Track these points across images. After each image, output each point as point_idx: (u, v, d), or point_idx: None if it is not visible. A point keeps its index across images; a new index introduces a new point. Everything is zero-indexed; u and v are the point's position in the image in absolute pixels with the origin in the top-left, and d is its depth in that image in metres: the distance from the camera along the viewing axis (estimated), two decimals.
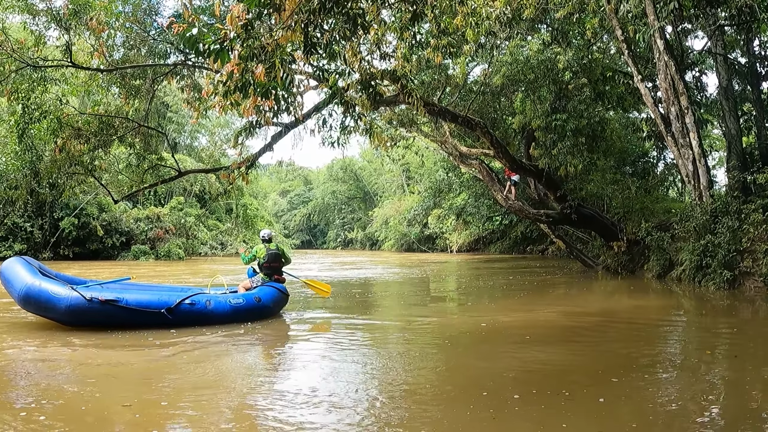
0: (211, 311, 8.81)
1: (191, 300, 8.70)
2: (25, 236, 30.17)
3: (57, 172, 16.01)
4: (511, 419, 4.66)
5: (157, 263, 31.02)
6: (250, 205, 48.60)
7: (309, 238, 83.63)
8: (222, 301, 9.05)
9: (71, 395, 5.32)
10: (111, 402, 5.08)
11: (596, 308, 11.69)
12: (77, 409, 4.84)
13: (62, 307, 8.11)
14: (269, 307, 9.63)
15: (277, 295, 9.95)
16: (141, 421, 4.55)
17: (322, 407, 4.92)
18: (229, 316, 8.92)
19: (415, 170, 55.30)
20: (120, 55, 14.57)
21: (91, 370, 6.26)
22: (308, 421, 4.53)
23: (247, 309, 9.19)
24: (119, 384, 5.73)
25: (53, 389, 5.50)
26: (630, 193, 18.09)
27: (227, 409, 4.84)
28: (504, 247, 41.07)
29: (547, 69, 16.63)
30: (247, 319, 9.09)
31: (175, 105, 39.94)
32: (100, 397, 5.24)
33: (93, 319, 8.26)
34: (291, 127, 14.33)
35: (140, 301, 8.44)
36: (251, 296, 9.44)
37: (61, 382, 5.81)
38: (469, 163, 22.17)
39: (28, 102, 13.63)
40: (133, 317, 8.31)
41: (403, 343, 8.19)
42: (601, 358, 6.94)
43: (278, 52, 7.29)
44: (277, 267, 10.49)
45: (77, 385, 5.64)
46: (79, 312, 8.12)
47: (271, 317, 9.69)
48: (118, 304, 8.21)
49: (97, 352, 7.11)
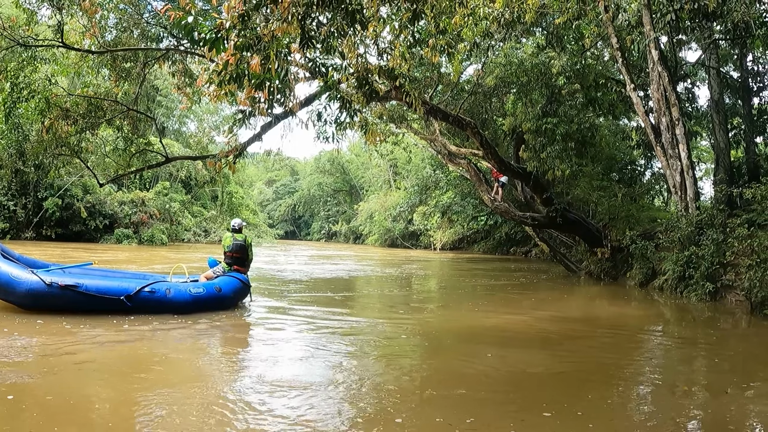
0: (171, 300, 8.82)
1: (151, 288, 8.73)
2: (7, 215, 29.86)
3: (43, 153, 15.82)
4: (488, 421, 4.67)
5: (139, 248, 30.84)
6: (236, 193, 48.45)
7: (293, 229, 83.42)
8: (182, 290, 9.04)
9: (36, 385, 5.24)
10: (80, 391, 5.03)
11: (577, 314, 11.75)
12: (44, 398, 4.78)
13: (22, 291, 8.16)
14: (230, 297, 9.62)
15: (237, 285, 9.95)
16: (110, 413, 4.50)
17: (295, 401, 4.94)
18: (188, 306, 8.93)
19: (403, 166, 55.27)
20: (112, 36, 14.36)
21: (59, 359, 6.20)
22: (278, 415, 4.53)
23: (207, 299, 9.20)
24: (88, 373, 5.67)
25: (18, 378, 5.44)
26: (616, 200, 18.14)
27: (199, 401, 4.79)
28: (487, 247, 41.12)
29: (540, 72, 16.62)
30: (207, 308, 9.11)
31: (165, 89, 39.61)
32: (69, 386, 5.18)
33: (52, 304, 8.26)
34: (281, 117, 14.19)
35: (100, 287, 8.48)
36: (212, 286, 9.42)
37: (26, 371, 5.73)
38: (457, 162, 22.12)
39: (16, 81, 13.42)
40: (92, 303, 8.35)
41: (381, 341, 8.15)
42: (580, 366, 6.93)
43: (274, 44, 7.22)
44: (240, 258, 10.45)
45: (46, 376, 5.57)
46: (38, 296, 8.16)
47: (232, 307, 9.67)
48: (77, 290, 8.24)
49: (61, 339, 7.04)
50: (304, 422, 4.38)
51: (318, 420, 4.48)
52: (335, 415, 4.62)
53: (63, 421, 4.31)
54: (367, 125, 11.23)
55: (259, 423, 4.36)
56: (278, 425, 4.31)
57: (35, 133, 15.71)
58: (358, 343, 7.81)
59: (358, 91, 10.37)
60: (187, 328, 8.11)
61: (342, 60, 10.18)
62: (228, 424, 4.31)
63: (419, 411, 4.91)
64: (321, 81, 10.73)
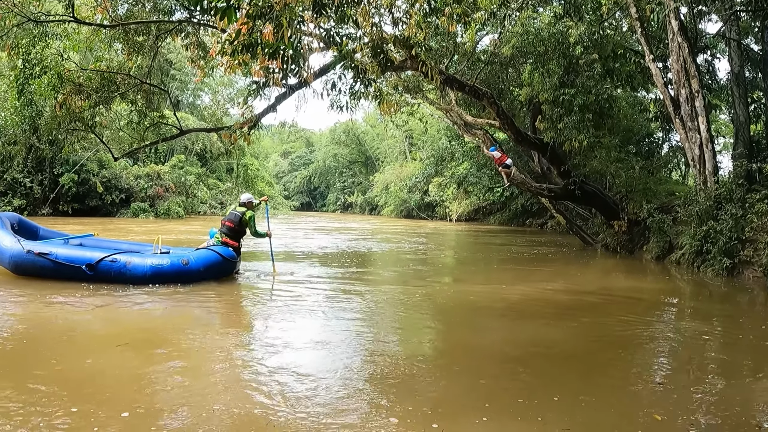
0: (130, 270, 9.01)
1: (112, 258, 8.99)
2: (24, 192, 30.03)
3: (57, 128, 15.86)
4: (496, 395, 4.66)
5: (156, 221, 31.00)
6: (251, 165, 48.38)
7: (309, 200, 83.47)
8: (140, 262, 9.13)
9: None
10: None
11: (593, 287, 11.63)
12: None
13: (6, 257, 9.16)
14: (199, 271, 9.48)
15: (213, 259, 9.80)
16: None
17: (305, 370, 5.00)
18: (147, 278, 9.02)
19: (418, 137, 54.96)
20: (124, 10, 14.27)
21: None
22: (286, 385, 4.50)
23: (169, 271, 9.20)
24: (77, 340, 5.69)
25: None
26: (634, 172, 17.88)
27: (213, 375, 4.78)
28: (503, 218, 40.96)
29: (557, 42, 16.32)
30: (169, 281, 9.11)
31: (178, 62, 39.50)
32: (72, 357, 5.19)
33: (30, 270, 9.07)
34: (296, 88, 14.09)
35: (68, 256, 9.02)
36: (178, 259, 9.39)
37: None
38: (473, 133, 21.94)
39: (28, 57, 13.39)
40: (60, 270, 8.93)
41: (393, 315, 8.12)
42: (592, 341, 6.87)
43: (286, 12, 7.10)
44: (232, 228, 10.33)
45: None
46: (19, 262, 9.07)
47: (207, 280, 9.52)
48: (48, 257, 8.92)
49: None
50: (319, 401, 4.34)
51: (333, 396, 4.45)
52: (350, 392, 4.59)
53: (78, 394, 4.32)
54: (382, 95, 11.13)
55: (274, 401, 4.32)
56: (291, 405, 4.27)
57: (49, 108, 15.74)
58: (369, 316, 7.79)
59: (373, 60, 10.25)
60: (186, 300, 8.20)
61: (356, 29, 10.04)
62: (243, 399, 4.30)
63: (431, 385, 4.87)
64: (335, 51, 10.60)
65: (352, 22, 9.56)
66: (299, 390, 4.56)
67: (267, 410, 4.14)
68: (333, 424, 3.91)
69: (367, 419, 4.04)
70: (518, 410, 4.32)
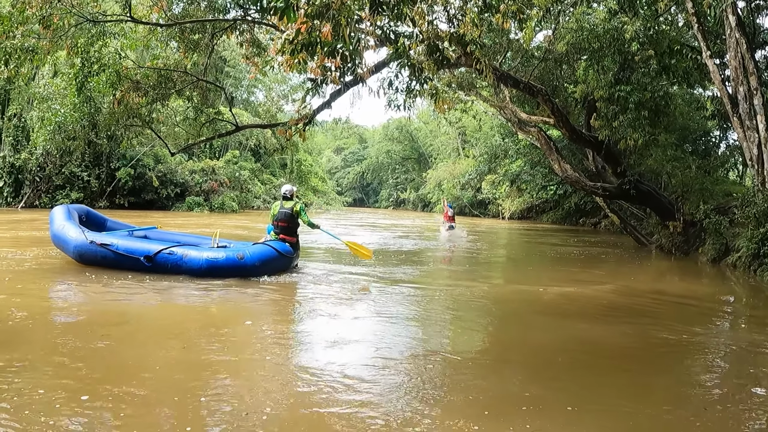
0: (185, 263, 9.18)
1: (169, 251, 9.22)
2: (82, 185, 31.10)
3: (115, 124, 16.32)
4: (543, 396, 4.60)
5: (210, 215, 31.61)
6: (305, 160, 48.92)
7: (361, 196, 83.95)
8: (196, 255, 9.30)
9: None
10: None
11: (646, 288, 11.39)
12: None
13: (71, 247, 9.63)
14: (255, 266, 9.54)
15: (269, 254, 9.86)
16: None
17: (362, 367, 5.06)
18: (202, 271, 9.17)
19: (471, 134, 54.64)
20: (179, 9, 14.57)
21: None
22: (345, 376, 4.64)
23: (223, 265, 9.30)
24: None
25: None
26: (690, 172, 17.45)
27: (263, 368, 4.88)
28: (556, 217, 40.48)
29: (612, 38, 16.02)
30: (225, 275, 9.22)
31: (232, 60, 40.16)
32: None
33: (92, 260, 9.48)
34: (350, 85, 14.18)
35: (127, 247, 9.36)
36: (234, 253, 9.51)
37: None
38: (527, 130, 21.72)
39: (87, 56, 13.80)
40: (120, 261, 9.27)
41: (445, 309, 8.17)
42: (642, 344, 6.72)
43: (344, 12, 7.18)
44: (286, 227, 10.37)
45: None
46: (83, 252, 9.50)
47: (262, 275, 9.57)
48: (109, 248, 9.28)
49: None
50: (365, 396, 4.40)
51: (380, 391, 4.52)
52: (396, 387, 4.63)
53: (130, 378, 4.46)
54: (438, 93, 11.11)
55: (323, 396, 4.38)
56: (339, 399, 4.34)
57: (107, 105, 16.21)
58: (419, 313, 7.83)
59: (429, 58, 10.24)
60: (248, 293, 8.32)
61: (412, 27, 10.05)
62: (292, 388, 4.40)
63: (479, 383, 4.88)
64: (391, 48, 10.63)
65: (409, 19, 9.56)
66: (347, 384, 4.61)
67: (316, 405, 4.20)
68: (378, 417, 3.96)
69: (416, 414, 4.07)
70: (562, 415, 4.29)
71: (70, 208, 10.82)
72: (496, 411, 4.23)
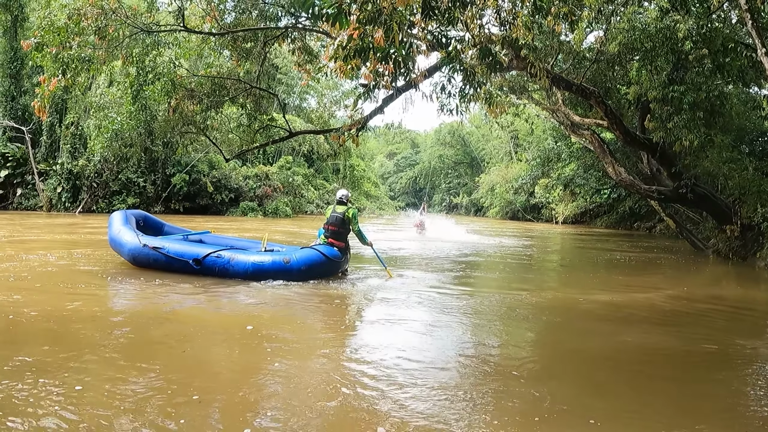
0: (232, 266, 9.37)
1: (217, 254, 9.44)
2: (138, 191, 31.99)
3: (170, 131, 16.78)
4: (595, 405, 4.53)
5: (264, 219, 32.06)
6: (357, 166, 49.17)
7: (414, 201, 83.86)
8: (243, 259, 9.46)
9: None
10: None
11: (702, 294, 11.09)
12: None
13: (126, 250, 10.07)
14: (301, 270, 9.54)
15: (316, 258, 9.84)
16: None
17: (410, 372, 5.06)
18: (249, 274, 9.32)
19: (524, 138, 54.15)
20: (231, 18, 14.85)
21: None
22: (390, 380, 4.70)
23: (270, 269, 9.40)
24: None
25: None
26: (747, 174, 16.93)
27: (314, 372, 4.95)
28: (610, 221, 39.81)
29: (665, 38, 15.69)
30: (271, 278, 9.32)
31: (284, 67, 40.65)
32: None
33: (145, 263, 9.85)
34: (403, 90, 14.22)
35: (177, 251, 9.68)
36: (280, 257, 9.60)
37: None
38: (580, 133, 21.41)
39: (142, 65, 14.19)
40: (171, 263, 9.60)
41: (496, 315, 8.11)
42: (697, 355, 6.45)
43: (396, 17, 7.22)
44: (336, 231, 10.36)
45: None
46: (136, 255, 9.90)
47: (308, 279, 9.57)
48: (161, 251, 9.62)
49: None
50: (417, 403, 4.41)
51: (431, 396, 4.51)
52: (447, 392, 4.62)
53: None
54: (492, 97, 11.04)
55: (373, 402, 4.41)
56: (389, 404, 4.36)
57: (162, 113, 16.69)
58: (470, 320, 7.75)
59: (482, 62, 10.20)
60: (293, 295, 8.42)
61: (465, 31, 10.02)
62: (342, 396, 4.44)
63: (530, 389, 4.82)
64: (443, 53, 10.61)
65: (461, 23, 9.55)
66: (398, 390, 4.61)
67: (366, 409, 4.23)
68: (429, 425, 3.96)
69: (464, 420, 4.06)
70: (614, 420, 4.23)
71: (127, 213, 11.30)
72: (547, 418, 4.18)
